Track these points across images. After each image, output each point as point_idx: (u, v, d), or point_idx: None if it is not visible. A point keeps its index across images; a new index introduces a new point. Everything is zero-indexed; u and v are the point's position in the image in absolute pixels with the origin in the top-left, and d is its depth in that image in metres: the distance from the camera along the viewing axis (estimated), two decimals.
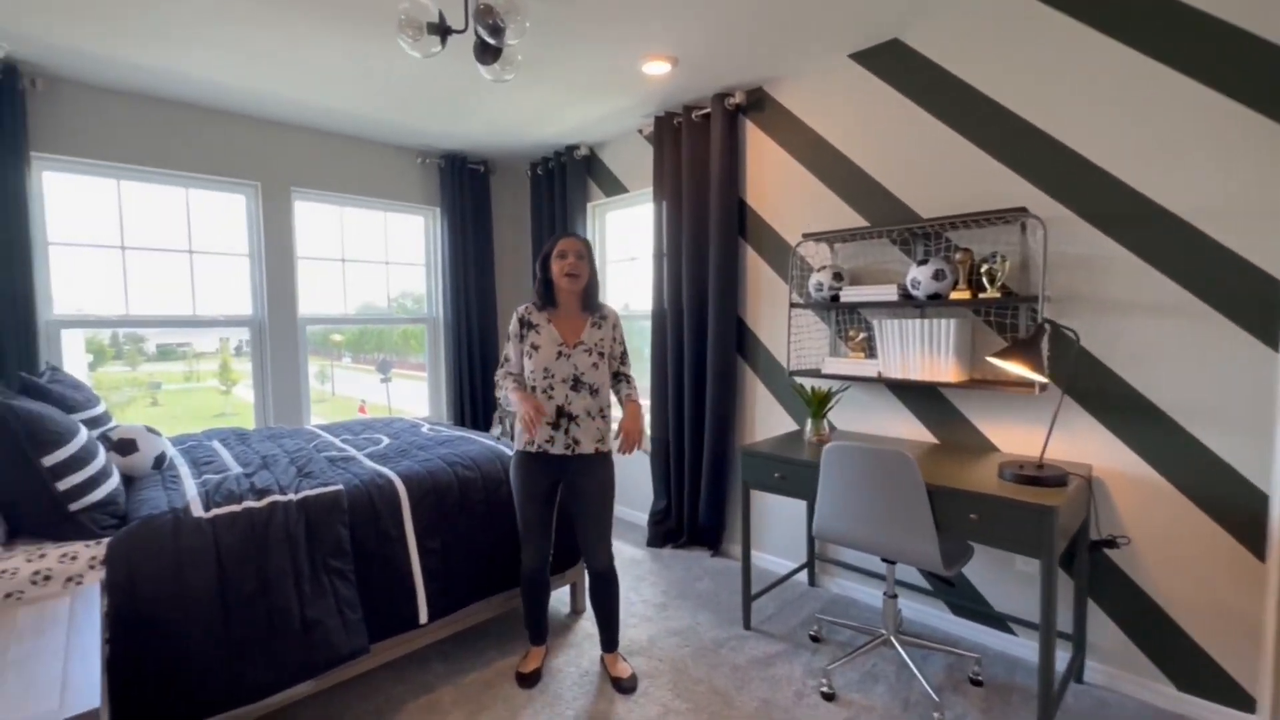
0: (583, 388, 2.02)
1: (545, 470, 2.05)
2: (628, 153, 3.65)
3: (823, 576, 2.82)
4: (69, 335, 2.87)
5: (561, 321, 2.06)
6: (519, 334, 2.08)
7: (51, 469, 1.56)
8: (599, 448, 2.05)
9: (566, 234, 2.07)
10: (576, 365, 2.02)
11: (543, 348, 2.02)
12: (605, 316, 2.13)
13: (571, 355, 2.02)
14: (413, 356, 4.83)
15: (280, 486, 1.92)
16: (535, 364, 2.01)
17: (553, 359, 2.01)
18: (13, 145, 2.56)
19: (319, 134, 3.51)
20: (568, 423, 2.01)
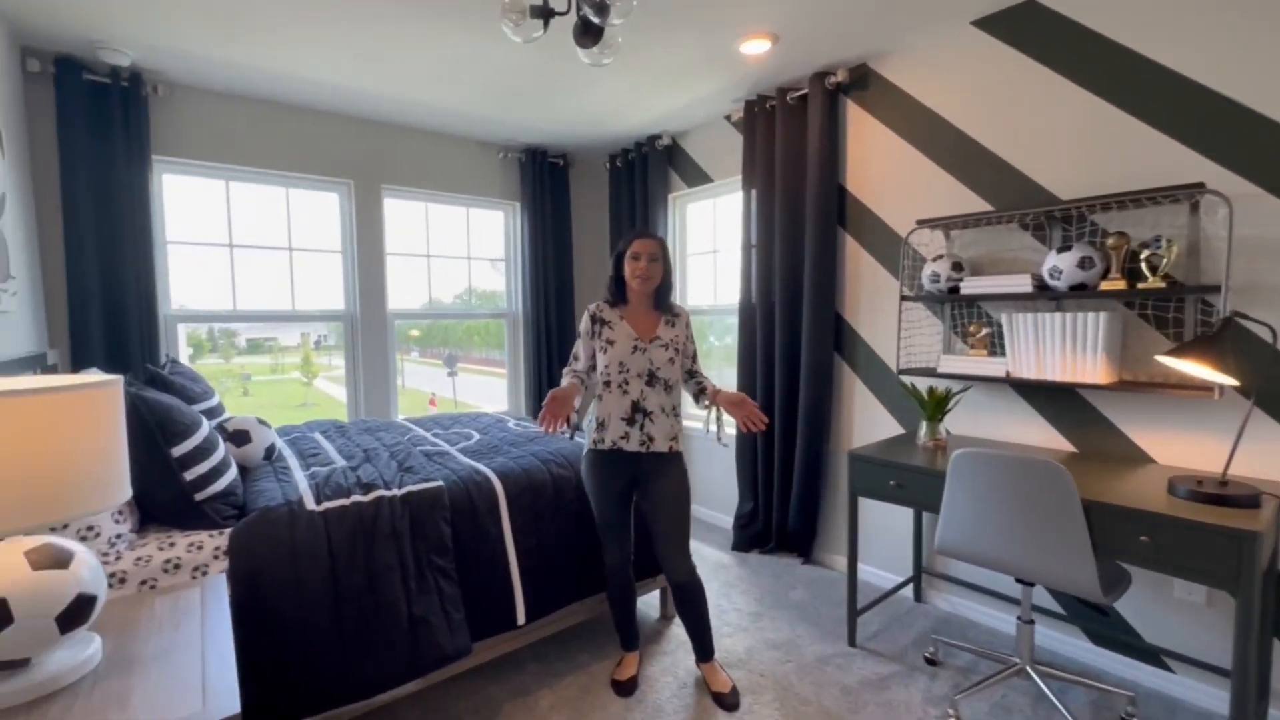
0: (658, 383, 1.96)
1: (618, 468, 1.98)
2: (713, 141, 3.51)
3: (930, 592, 2.61)
4: (183, 329, 3.02)
5: (635, 318, 2.01)
6: (591, 331, 2.02)
7: (180, 459, 1.59)
8: (673, 446, 1.98)
9: (642, 233, 1.98)
10: (652, 360, 1.96)
11: (618, 342, 1.96)
12: (678, 315, 2.06)
13: (648, 350, 1.96)
14: (476, 351, 4.89)
15: (384, 481, 1.92)
16: (610, 358, 1.95)
17: (628, 353, 1.95)
18: (138, 149, 2.70)
19: (408, 131, 3.56)
20: (643, 419, 1.94)
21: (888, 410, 2.71)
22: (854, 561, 2.26)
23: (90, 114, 2.61)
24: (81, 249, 2.61)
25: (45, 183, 2.57)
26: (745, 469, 3.27)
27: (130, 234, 2.70)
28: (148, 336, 2.77)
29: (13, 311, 2.04)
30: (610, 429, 1.95)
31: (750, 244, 3.21)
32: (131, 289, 2.71)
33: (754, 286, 3.19)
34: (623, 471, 1.99)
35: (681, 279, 3.93)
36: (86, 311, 2.62)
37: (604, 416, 1.96)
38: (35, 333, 2.37)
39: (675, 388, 2.02)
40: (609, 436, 1.95)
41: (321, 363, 12.63)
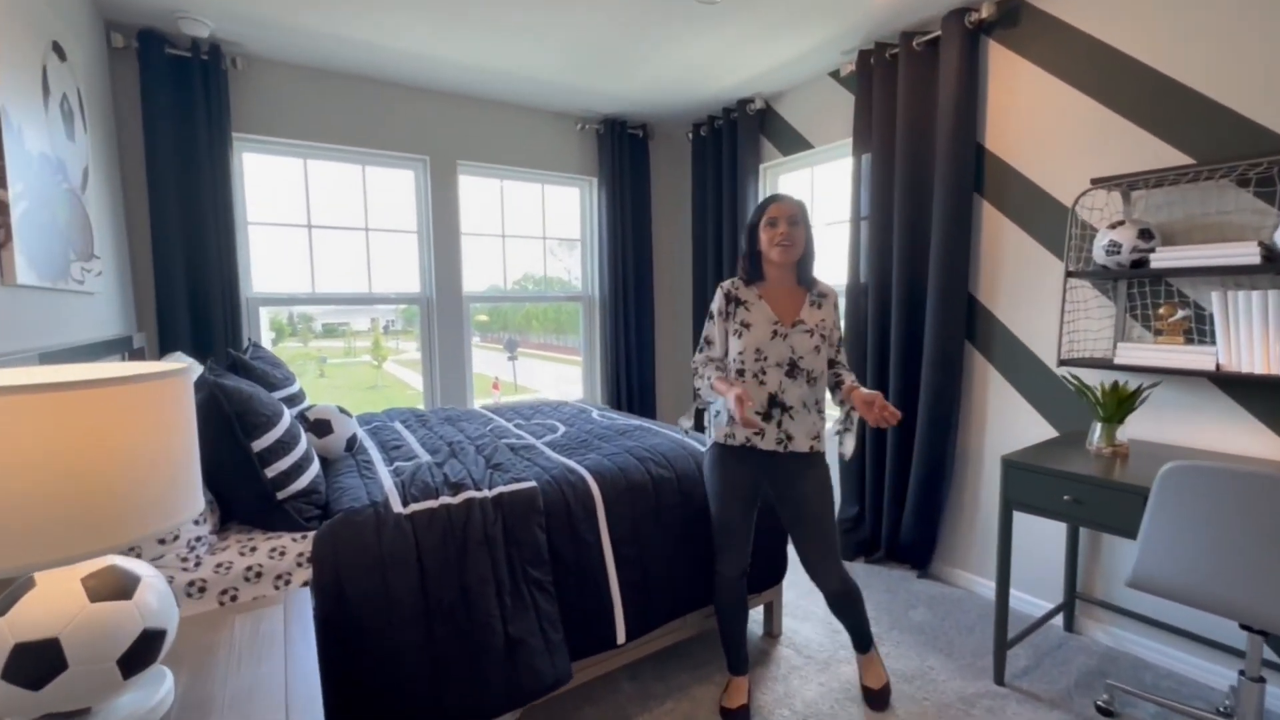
0: (799, 374, 1.70)
1: (750, 467, 1.76)
2: (814, 102, 3.14)
3: (1085, 622, 2.22)
4: (265, 313, 2.96)
5: (775, 297, 1.76)
6: (724, 311, 1.79)
7: (261, 454, 1.44)
8: (814, 445, 1.72)
9: (775, 197, 1.74)
10: (794, 347, 1.70)
11: (755, 326, 1.72)
12: (824, 294, 1.78)
13: (789, 336, 1.71)
14: (534, 335, 4.75)
15: (474, 480, 1.73)
16: (746, 344, 1.72)
17: (767, 339, 1.71)
18: (219, 125, 2.62)
19: (485, 104, 3.37)
20: (780, 414, 1.69)
21: (1034, 408, 2.31)
22: (1005, 586, 1.91)
23: (173, 90, 2.53)
24: (167, 229, 2.55)
25: (131, 161, 2.52)
26: (851, 469, 2.93)
27: (213, 214, 2.63)
28: (231, 319, 2.71)
29: (99, 293, 1.97)
30: (739, 425, 1.72)
31: (860, 216, 2.84)
32: (215, 270, 2.64)
33: (864, 265, 2.83)
34: (754, 471, 1.76)
35: None
36: (172, 293, 2.57)
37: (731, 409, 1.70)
38: (123, 315, 2.32)
39: (820, 381, 1.74)
40: (741, 431, 1.73)
41: (389, 346, 13.00)
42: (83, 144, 1.84)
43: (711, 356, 1.81)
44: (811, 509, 1.72)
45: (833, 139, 3.06)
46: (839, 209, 3.18)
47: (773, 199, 1.73)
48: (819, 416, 1.74)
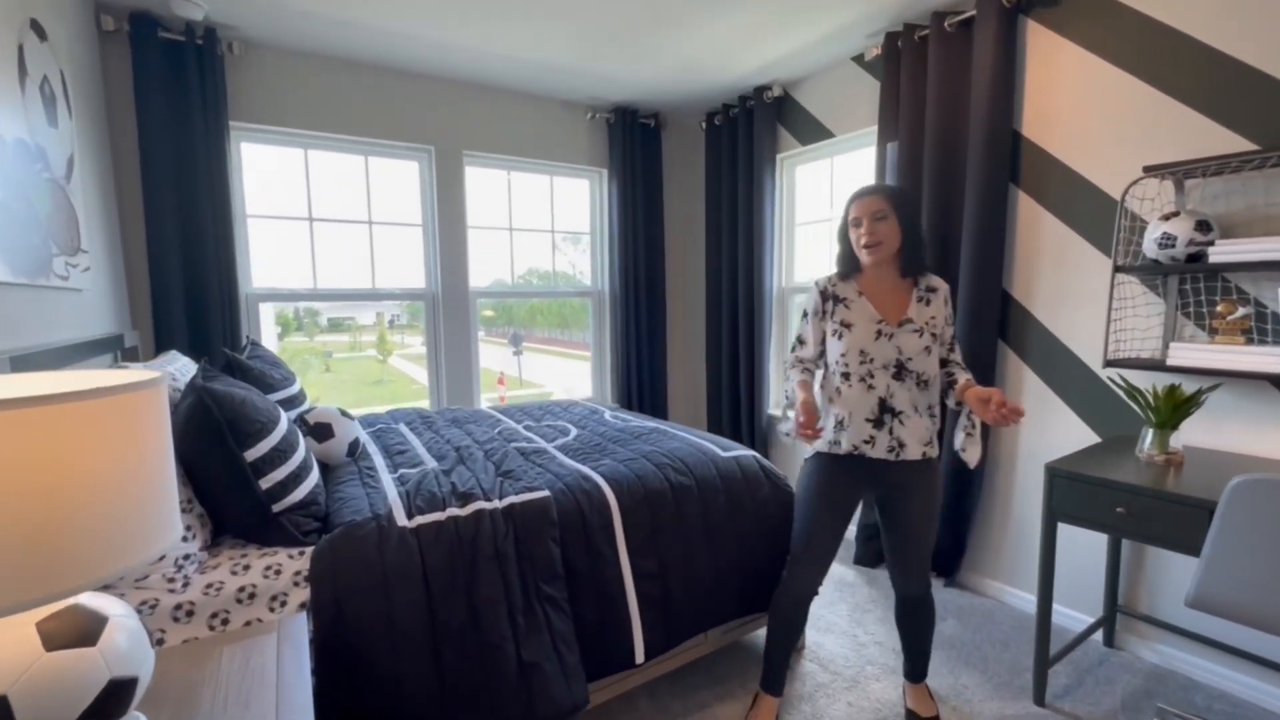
0: (908, 376, 1.57)
1: (855, 477, 1.63)
2: (836, 88, 3.00)
3: (1128, 637, 2.10)
4: (266, 308, 2.85)
5: (877, 294, 1.62)
6: (820, 310, 1.67)
7: (254, 464, 1.34)
8: (926, 452, 1.59)
9: (860, 192, 1.61)
10: (901, 348, 1.57)
11: (857, 326, 1.60)
12: (934, 289, 1.63)
13: (895, 335, 1.57)
14: (539, 330, 4.64)
15: (483, 490, 1.62)
16: (848, 346, 1.60)
17: (870, 340, 1.58)
18: (215, 114, 2.50)
19: (492, 91, 3.24)
20: (891, 419, 1.57)
21: (1073, 411, 2.18)
22: (1048, 601, 1.80)
23: (167, 76, 2.42)
24: (162, 222, 2.45)
25: (124, 151, 2.41)
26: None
27: (210, 206, 2.52)
28: (229, 316, 2.60)
29: (87, 289, 1.86)
30: (851, 430, 1.59)
31: None
32: (212, 265, 2.54)
33: None
34: (859, 481, 1.64)
35: (788, 252, 3.46)
36: (167, 289, 2.47)
37: (843, 414, 1.60)
38: (115, 312, 2.22)
39: (933, 384, 1.60)
40: (848, 439, 1.60)
41: (394, 341, 12.94)
42: (67, 131, 1.73)
43: (801, 357, 1.70)
44: (919, 520, 1.62)
45: (855, 127, 2.93)
46: None
47: (855, 195, 1.62)
48: (932, 421, 1.60)
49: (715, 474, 1.95)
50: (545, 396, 9.58)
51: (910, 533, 1.64)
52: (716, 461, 2.00)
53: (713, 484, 1.92)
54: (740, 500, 1.94)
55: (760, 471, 2.04)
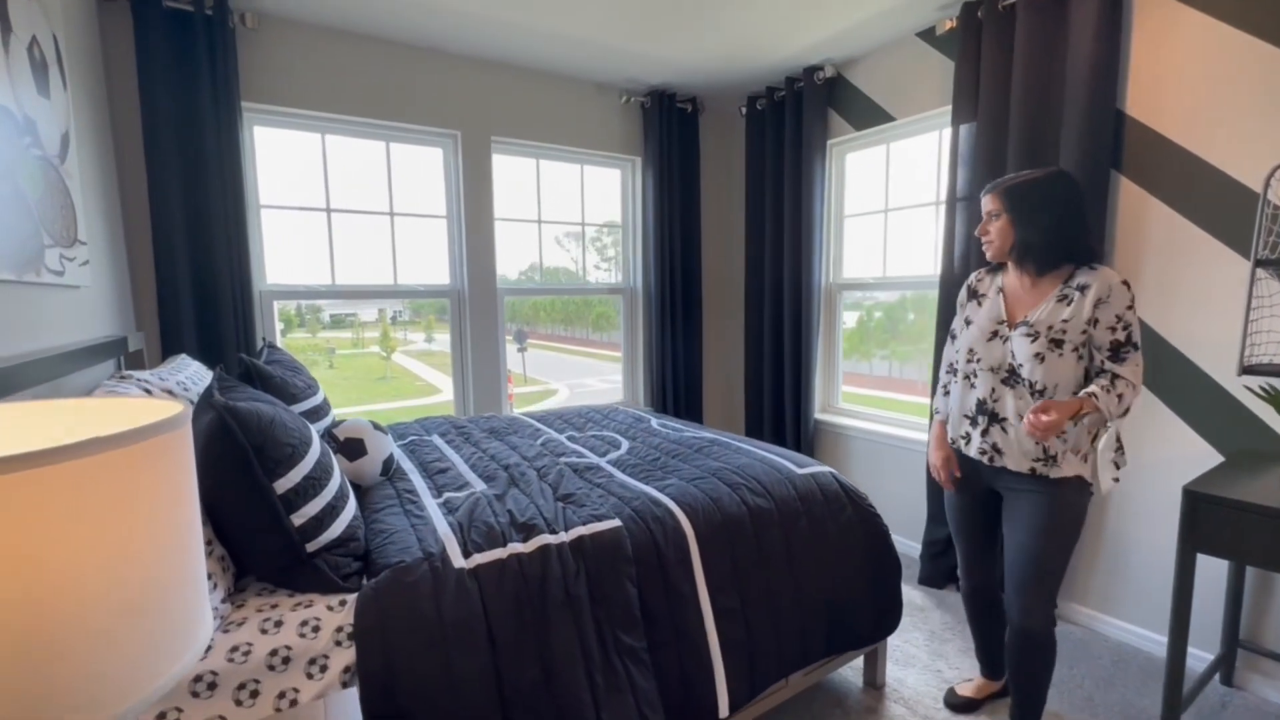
0: (1019, 384, 1.47)
1: (968, 471, 1.65)
2: (898, 67, 2.76)
3: (1249, 675, 1.88)
4: (279, 306, 2.63)
5: (1016, 291, 1.53)
6: (963, 304, 1.67)
7: (285, 497, 1.11)
8: (1037, 468, 1.44)
9: (985, 189, 1.55)
10: (1014, 352, 1.47)
11: (976, 323, 1.57)
12: (1085, 286, 1.40)
13: (1010, 339, 1.48)
14: (543, 327, 4.51)
15: (546, 520, 1.40)
16: (961, 343, 1.61)
17: (981, 340, 1.54)
18: (225, 94, 2.27)
19: (522, 73, 3.01)
20: (989, 423, 1.52)
21: (1189, 425, 1.95)
22: (1182, 644, 1.57)
23: (173, 50, 2.19)
24: (169, 211, 2.22)
25: (127, 132, 2.19)
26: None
27: (221, 194, 2.30)
28: (243, 315, 2.38)
29: (86, 286, 1.64)
30: (953, 423, 1.65)
31: (956, 197, 2.47)
32: (224, 260, 2.32)
33: (958, 253, 2.47)
34: (968, 477, 1.65)
35: (836, 245, 3.23)
36: (175, 286, 2.25)
37: (950, 406, 1.66)
38: (118, 312, 2.00)
39: (1058, 395, 1.43)
40: (951, 431, 1.66)
41: (397, 338, 12.64)
42: (61, 104, 1.50)
43: (951, 363, 1.67)
44: (1022, 536, 1.50)
45: (920, 109, 2.69)
46: (924, 190, 2.82)
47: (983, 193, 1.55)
48: (1057, 437, 1.43)
49: (794, 494, 1.73)
50: (550, 394, 9.37)
51: (1016, 552, 1.51)
52: (794, 480, 1.77)
53: (792, 506, 1.70)
54: (823, 524, 1.72)
55: (841, 491, 1.82)
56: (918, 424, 2.90)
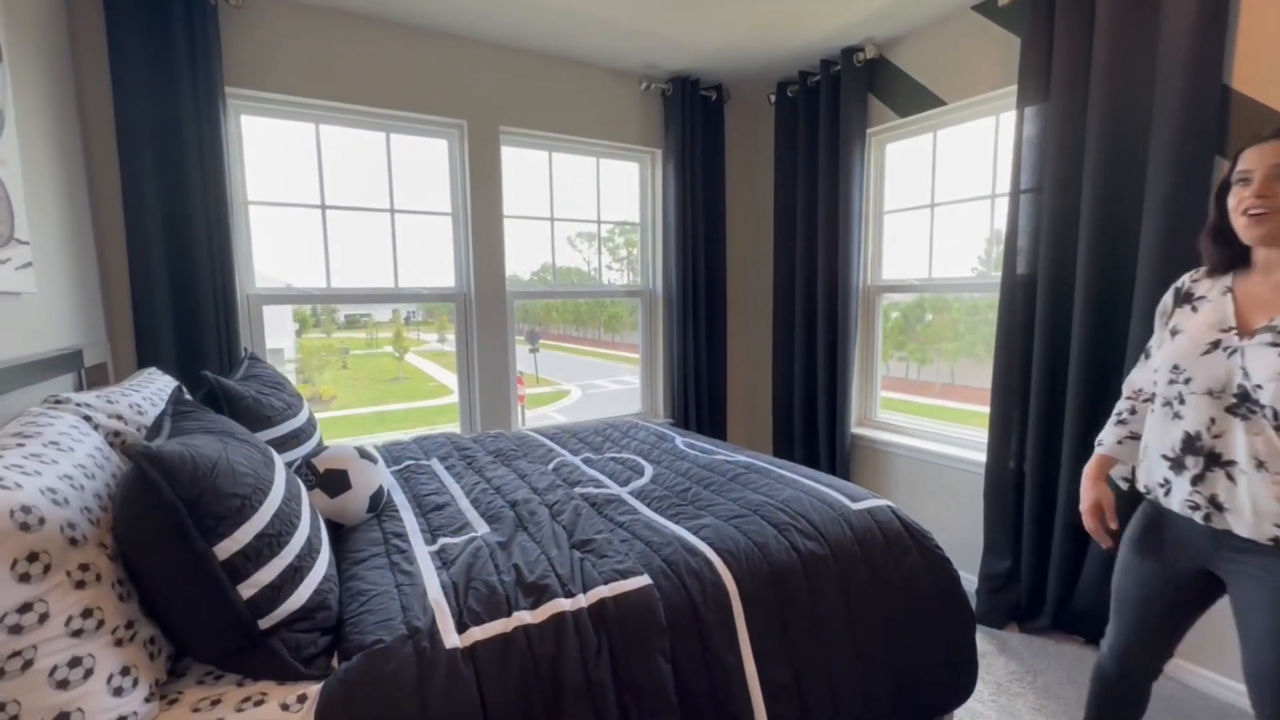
0: (1256, 413, 1.02)
1: (1156, 534, 1.23)
2: (951, 45, 2.48)
3: None
4: (280, 319, 2.41)
5: (1252, 292, 1.10)
6: (1166, 313, 1.25)
7: (230, 563, 0.87)
8: None
9: (1263, 135, 1.07)
10: (1249, 369, 1.03)
11: (1188, 332, 1.14)
12: None
13: (1240, 350, 1.05)
14: (554, 327, 4.42)
15: (558, 576, 1.15)
16: (1163, 359, 1.18)
17: (1194, 353, 1.11)
18: (207, 79, 2.05)
19: (534, 58, 2.77)
20: (1202, 466, 1.09)
21: None
22: None
23: (147, 30, 1.97)
24: (144, 207, 2.01)
25: (97, 120, 1.98)
26: (1000, 507, 2.30)
27: (202, 188, 2.08)
28: (226, 322, 2.16)
29: (30, 292, 1.42)
30: (1146, 467, 1.22)
31: (1019, 189, 2.19)
32: (205, 260, 2.10)
33: (1027, 251, 2.19)
34: (1163, 538, 1.21)
35: (875, 244, 2.96)
36: (151, 290, 2.03)
37: (1143, 444, 1.24)
38: (79, 320, 1.78)
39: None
40: (1144, 477, 1.23)
41: (410, 338, 12.54)
42: None
43: (1137, 386, 1.32)
44: (1258, 631, 1.07)
45: (976, 91, 2.41)
46: (976, 182, 2.53)
47: (1254, 140, 1.08)
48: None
49: (850, 536, 1.47)
50: (562, 395, 9.14)
51: (1255, 652, 1.08)
52: (849, 518, 1.51)
53: (849, 551, 1.44)
54: (885, 573, 1.46)
55: (902, 530, 1.55)
56: (965, 438, 2.61)
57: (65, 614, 0.76)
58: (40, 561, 0.75)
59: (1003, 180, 2.41)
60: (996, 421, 2.28)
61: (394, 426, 9.15)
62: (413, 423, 8.34)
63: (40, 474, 0.84)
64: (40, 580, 0.74)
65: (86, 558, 0.81)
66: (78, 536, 0.81)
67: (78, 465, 0.94)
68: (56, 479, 0.86)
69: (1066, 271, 2.07)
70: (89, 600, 0.79)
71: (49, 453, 0.92)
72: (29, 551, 0.74)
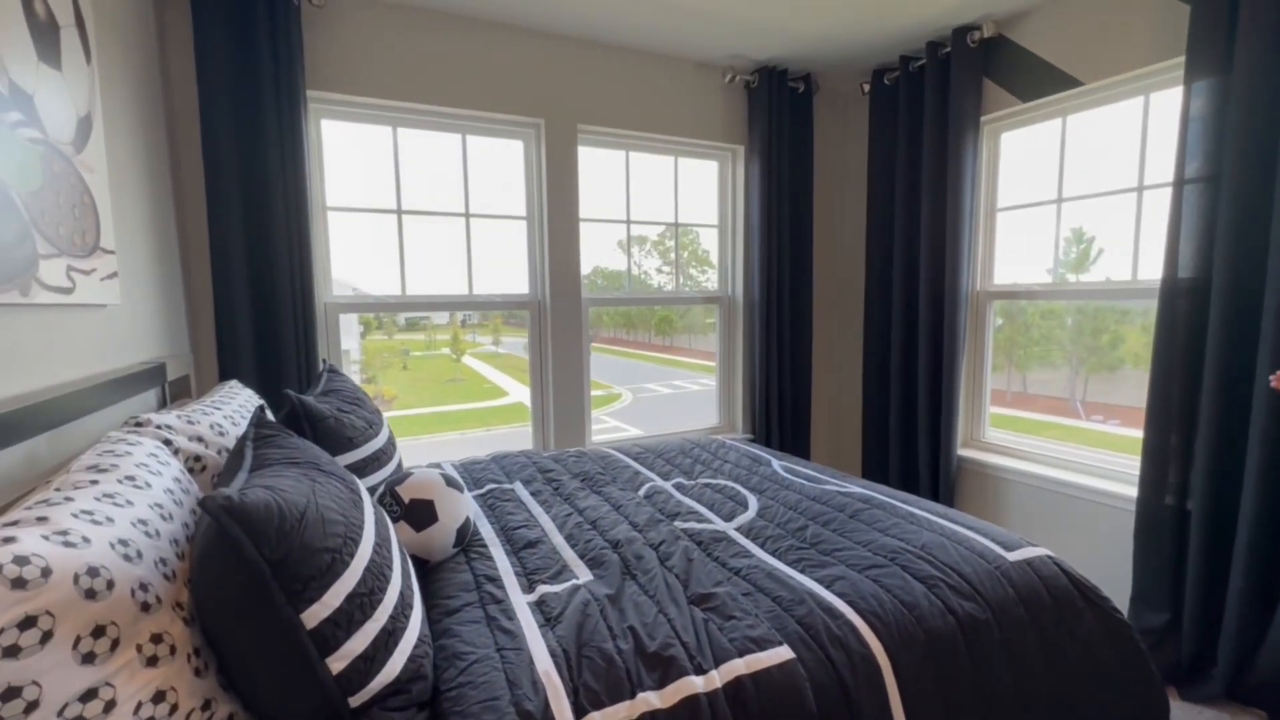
0: None
1: None
2: (1086, 17, 2.17)
3: None
4: (345, 320, 2.35)
5: None
6: None
7: (319, 631, 0.73)
8: None
9: None
10: None
11: None
12: None
13: None
14: (603, 330, 4.37)
15: (684, 646, 0.96)
16: None
17: None
18: (289, 82, 1.99)
19: (613, 51, 2.62)
20: None
21: None
22: None
23: (231, 28, 1.92)
24: (228, 215, 1.97)
25: (183, 124, 1.95)
26: (1156, 550, 1.97)
27: (283, 196, 2.02)
28: (305, 332, 2.10)
29: (115, 304, 1.36)
30: None
31: (1184, 179, 1.87)
32: (285, 270, 2.04)
33: (1192, 253, 1.86)
34: None
35: (986, 245, 2.65)
36: (233, 300, 1.99)
37: None
38: (165, 331, 1.74)
39: None
40: None
41: (466, 340, 12.75)
42: (82, 80, 1.22)
43: None
44: None
45: (1121, 69, 2.09)
46: (1120, 172, 2.20)
47: None
48: None
49: (1012, 595, 1.22)
50: (614, 398, 9.03)
51: None
52: (1007, 573, 1.26)
53: (1014, 614, 1.19)
54: (1057, 641, 1.21)
55: (1071, 587, 1.29)
56: (1094, 464, 2.28)
57: (134, 699, 0.63)
58: (107, 636, 0.62)
59: (1152, 170, 2.08)
60: (1152, 449, 1.95)
61: (452, 427, 9.16)
62: (470, 423, 8.42)
63: (113, 521, 0.73)
64: (106, 660, 0.62)
65: (160, 625, 0.68)
66: (150, 600, 0.68)
67: (154, 505, 0.82)
68: (130, 526, 0.74)
69: (1251, 273, 1.74)
70: (161, 680, 0.66)
71: (124, 491, 0.81)
72: (94, 625, 0.62)
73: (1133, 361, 2.44)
